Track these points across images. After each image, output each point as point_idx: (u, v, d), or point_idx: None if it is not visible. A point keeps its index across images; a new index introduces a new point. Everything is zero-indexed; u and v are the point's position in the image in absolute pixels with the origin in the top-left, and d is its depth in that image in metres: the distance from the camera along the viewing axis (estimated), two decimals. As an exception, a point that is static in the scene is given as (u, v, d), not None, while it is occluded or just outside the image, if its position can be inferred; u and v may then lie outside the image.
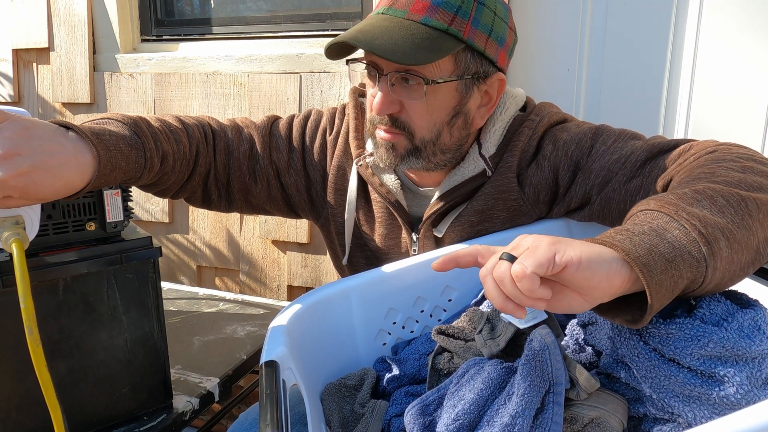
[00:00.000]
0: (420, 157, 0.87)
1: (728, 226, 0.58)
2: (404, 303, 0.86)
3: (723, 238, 0.56)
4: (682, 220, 0.56)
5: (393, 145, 0.87)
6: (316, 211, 1.05)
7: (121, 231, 0.86)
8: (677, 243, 0.55)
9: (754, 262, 0.61)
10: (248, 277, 1.82)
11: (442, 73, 0.82)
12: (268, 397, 0.57)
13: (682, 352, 0.56)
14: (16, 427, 0.79)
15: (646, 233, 0.55)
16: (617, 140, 0.85)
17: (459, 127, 0.87)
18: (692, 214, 0.57)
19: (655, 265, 0.53)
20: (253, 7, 1.81)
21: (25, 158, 0.63)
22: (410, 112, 0.84)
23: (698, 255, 0.55)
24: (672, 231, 0.56)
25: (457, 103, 0.85)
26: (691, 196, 0.60)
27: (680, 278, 0.54)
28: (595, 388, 0.59)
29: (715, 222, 0.57)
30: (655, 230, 0.56)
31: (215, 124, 0.99)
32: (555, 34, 1.50)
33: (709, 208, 0.59)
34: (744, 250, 0.59)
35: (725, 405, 0.54)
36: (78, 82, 1.89)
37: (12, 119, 0.64)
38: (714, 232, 0.56)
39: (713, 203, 0.59)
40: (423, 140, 0.86)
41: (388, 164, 0.88)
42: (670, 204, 0.59)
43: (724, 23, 1.35)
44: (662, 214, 0.58)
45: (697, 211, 0.58)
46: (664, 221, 0.57)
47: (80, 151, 0.69)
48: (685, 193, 0.61)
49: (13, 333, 0.76)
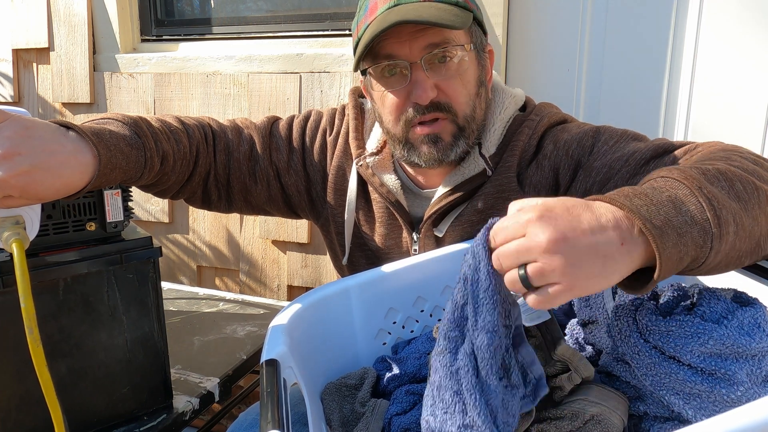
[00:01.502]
0: (464, 136, 0.87)
1: (740, 212, 0.57)
2: (404, 303, 0.86)
3: (733, 223, 0.56)
4: (701, 197, 0.55)
5: (437, 137, 0.86)
6: (316, 211, 1.05)
7: (121, 231, 0.86)
8: (690, 219, 0.54)
9: (752, 254, 0.61)
10: (248, 277, 1.82)
11: (465, 44, 0.84)
12: (269, 395, 0.57)
13: (683, 350, 0.56)
14: (16, 427, 0.79)
15: (663, 203, 0.54)
16: (619, 140, 0.84)
17: (483, 98, 0.90)
18: (711, 192, 0.56)
19: (668, 238, 0.51)
20: (253, 7, 1.81)
21: (26, 158, 0.63)
22: (448, 91, 0.84)
23: (706, 235, 0.54)
24: (689, 205, 0.54)
25: (479, 73, 0.88)
26: (713, 174, 0.59)
27: (686, 254, 0.53)
28: (591, 372, 0.59)
29: (730, 206, 0.56)
30: (672, 201, 0.54)
31: (215, 124, 1.00)
32: (555, 34, 1.50)
33: (727, 191, 0.58)
34: (747, 239, 0.58)
35: (725, 402, 0.54)
36: (78, 82, 1.89)
37: (12, 119, 0.64)
38: (727, 216, 0.55)
39: (732, 186, 0.58)
40: (465, 117, 0.86)
41: (432, 160, 0.87)
42: (691, 178, 0.57)
43: (724, 23, 1.35)
44: (683, 186, 0.56)
45: (716, 190, 0.56)
46: (683, 193, 0.55)
47: (80, 150, 0.69)
48: (708, 170, 0.60)
49: (13, 333, 0.76)
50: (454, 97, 0.85)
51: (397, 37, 0.82)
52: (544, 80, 1.54)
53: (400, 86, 0.84)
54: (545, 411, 0.62)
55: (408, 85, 0.84)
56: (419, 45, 0.82)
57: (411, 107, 0.84)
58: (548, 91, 1.54)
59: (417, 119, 0.85)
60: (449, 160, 0.88)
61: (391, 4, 0.82)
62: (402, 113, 0.86)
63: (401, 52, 0.82)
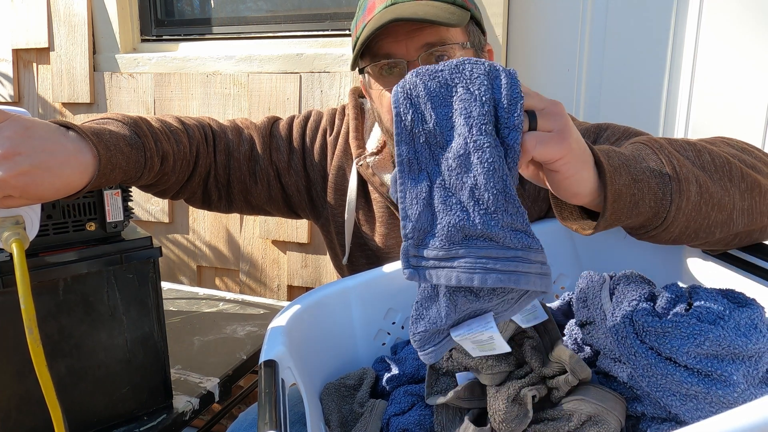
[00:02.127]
0: None
1: (704, 177, 0.61)
2: (403, 303, 0.86)
3: (695, 183, 0.59)
4: (661, 155, 0.60)
5: None
6: (317, 211, 1.05)
7: (121, 231, 0.86)
8: (648, 170, 0.58)
9: (724, 226, 0.64)
10: (248, 277, 1.83)
11: (462, 42, 0.85)
12: (267, 396, 0.57)
13: (679, 351, 0.56)
14: (16, 427, 0.80)
15: (624, 155, 0.59)
16: (621, 137, 0.85)
17: None
18: (673, 154, 0.60)
19: (619, 176, 0.56)
20: (253, 7, 1.81)
21: (25, 158, 0.63)
22: None
23: (665, 187, 0.58)
24: (648, 161, 0.59)
25: None
26: (681, 144, 0.64)
27: (641, 201, 0.57)
28: (588, 374, 0.59)
29: (692, 169, 0.60)
30: (634, 157, 0.60)
31: (215, 125, 1.00)
32: (555, 34, 1.50)
33: (692, 159, 0.62)
34: (716, 207, 0.61)
35: (722, 403, 0.54)
36: (78, 82, 1.89)
37: (12, 119, 0.64)
38: (687, 175, 0.59)
39: (698, 156, 0.63)
40: None
41: None
42: (657, 142, 0.62)
43: (724, 23, 1.34)
44: (646, 147, 0.61)
45: (679, 155, 0.61)
46: (645, 152, 0.60)
47: (80, 150, 0.69)
48: (676, 140, 0.64)
49: (13, 333, 0.76)
50: None
51: (394, 37, 0.82)
52: (544, 80, 1.54)
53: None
54: (542, 412, 0.62)
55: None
56: (416, 44, 0.82)
57: None
58: (548, 91, 1.54)
59: None
60: None
61: (387, 3, 0.83)
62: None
63: (398, 51, 0.83)
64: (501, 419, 0.61)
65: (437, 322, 0.57)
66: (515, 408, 0.61)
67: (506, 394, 0.62)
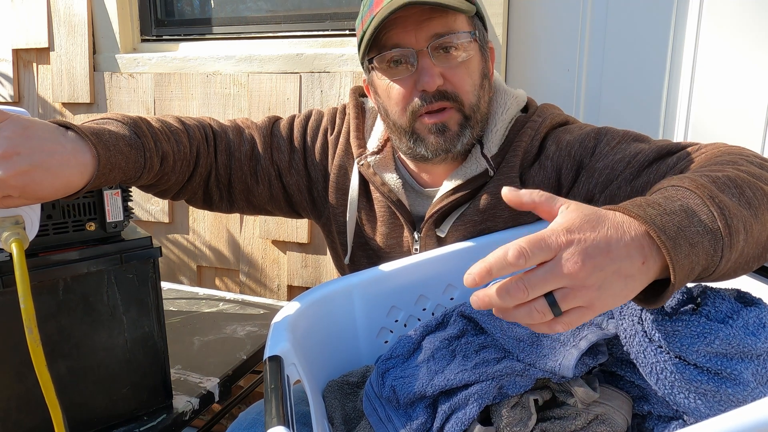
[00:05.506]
0: (470, 126, 0.87)
1: (750, 219, 0.57)
2: (406, 301, 0.86)
3: (743, 231, 0.56)
4: (712, 206, 0.55)
5: (444, 127, 0.86)
6: (318, 210, 1.05)
7: (121, 231, 0.86)
8: (701, 227, 0.53)
9: (759, 258, 0.61)
10: (248, 278, 1.82)
11: (469, 31, 0.85)
12: (274, 391, 0.57)
13: (689, 350, 0.56)
14: (16, 427, 0.79)
15: (676, 212, 0.54)
16: (621, 141, 0.84)
17: (486, 91, 0.90)
18: (722, 201, 0.56)
19: (681, 249, 0.51)
20: (253, 7, 1.81)
21: (25, 158, 0.63)
22: (454, 79, 0.85)
23: (716, 244, 0.54)
24: (700, 215, 0.54)
25: (483, 65, 0.89)
26: (723, 181, 0.59)
27: (697, 264, 0.53)
28: (592, 399, 0.59)
29: (740, 214, 0.56)
30: (684, 210, 0.54)
31: (216, 125, 0.99)
32: (555, 33, 1.50)
33: (738, 198, 0.58)
34: (755, 244, 0.59)
35: (731, 402, 0.54)
36: (78, 82, 1.89)
37: (11, 119, 0.64)
38: (737, 225, 0.55)
39: (742, 194, 0.58)
40: (471, 106, 0.87)
41: (439, 150, 0.87)
42: (702, 186, 0.57)
43: (724, 23, 1.34)
44: (694, 195, 0.56)
45: (726, 199, 0.56)
46: (694, 203, 0.55)
47: (80, 150, 0.69)
48: (718, 177, 0.60)
49: (13, 333, 0.76)
50: (460, 86, 0.85)
51: (402, 27, 0.82)
52: (544, 80, 1.54)
53: (405, 75, 0.85)
54: (549, 410, 0.62)
55: (414, 74, 0.84)
56: (425, 34, 0.82)
57: (417, 96, 0.85)
58: (548, 91, 1.53)
59: (424, 109, 0.85)
60: (456, 150, 0.88)
61: None
62: (408, 103, 0.86)
63: (407, 41, 0.83)
64: (504, 423, 0.61)
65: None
66: (517, 411, 0.61)
67: (508, 402, 0.62)
